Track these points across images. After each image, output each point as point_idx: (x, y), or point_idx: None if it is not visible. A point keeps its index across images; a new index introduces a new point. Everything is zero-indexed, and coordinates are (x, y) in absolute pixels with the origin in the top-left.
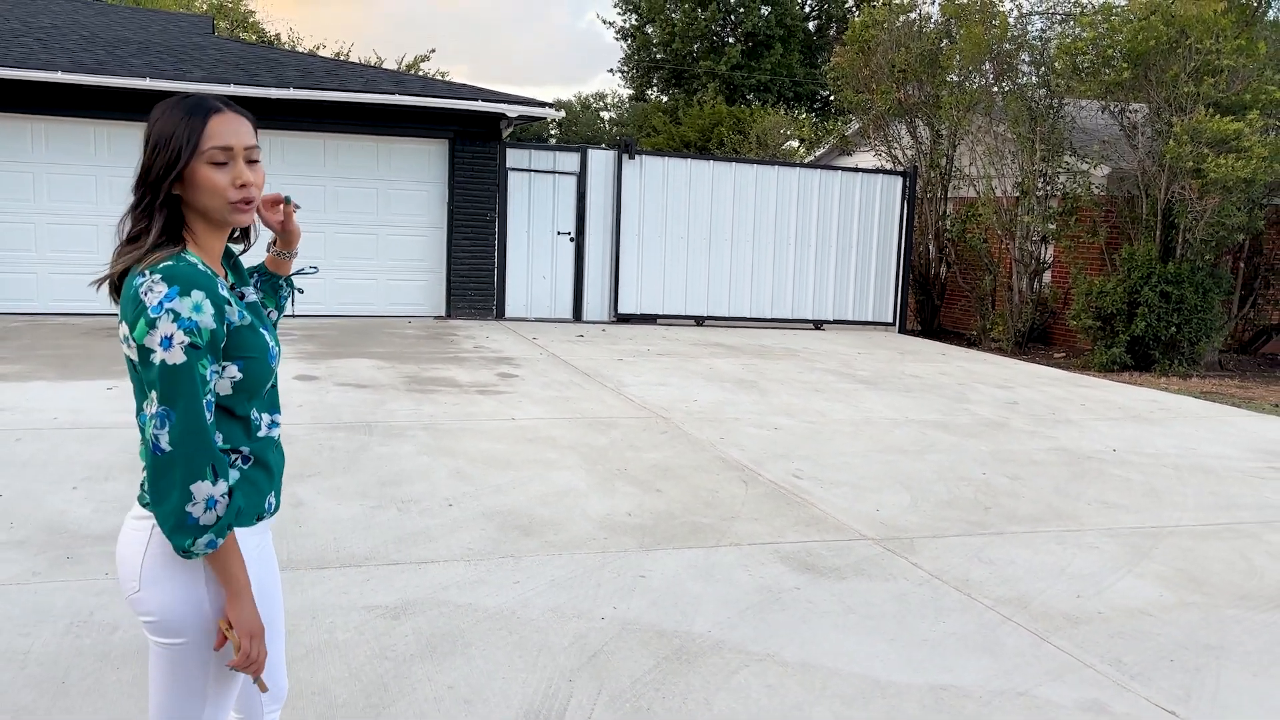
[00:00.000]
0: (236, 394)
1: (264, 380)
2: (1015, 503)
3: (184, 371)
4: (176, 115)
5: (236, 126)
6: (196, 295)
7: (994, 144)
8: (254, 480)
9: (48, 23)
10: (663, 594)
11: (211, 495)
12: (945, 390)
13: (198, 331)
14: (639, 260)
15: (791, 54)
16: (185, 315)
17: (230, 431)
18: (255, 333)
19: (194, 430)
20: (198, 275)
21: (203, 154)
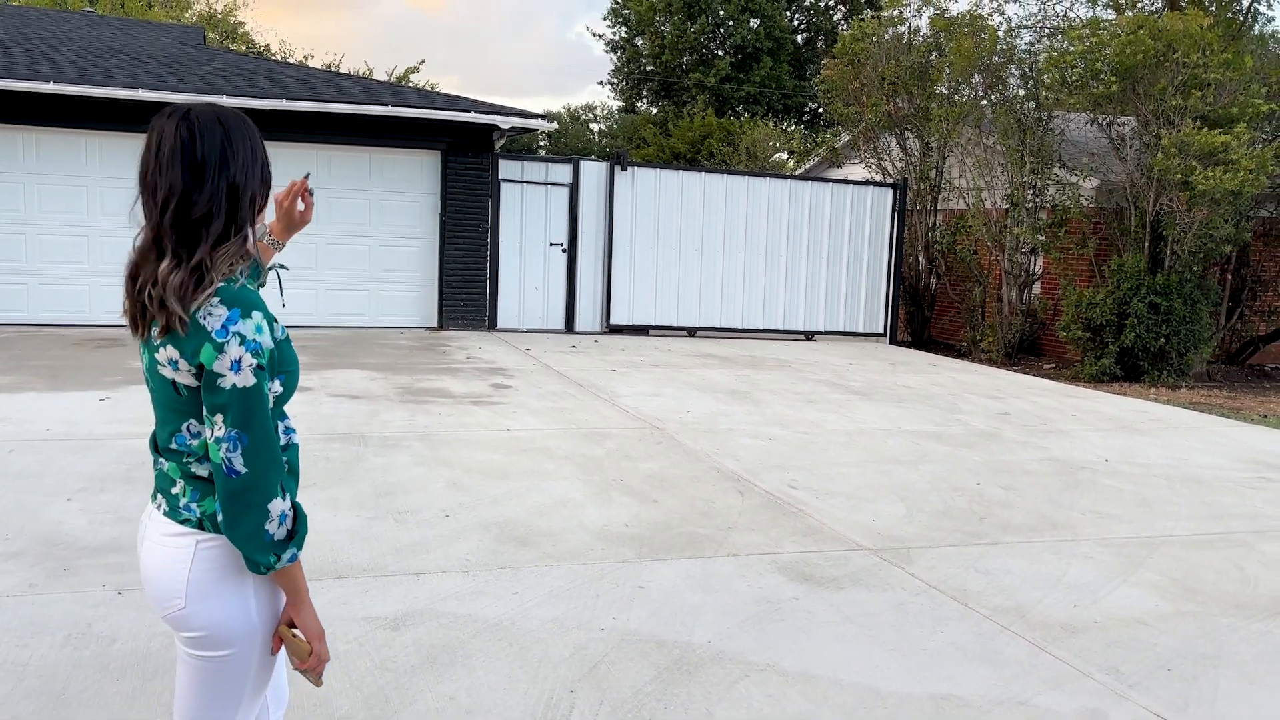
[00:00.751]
0: (276, 406)
1: (294, 389)
2: (1010, 513)
3: (255, 393)
4: (252, 132)
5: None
6: (256, 317)
7: (983, 156)
8: (288, 489)
9: (39, 34)
10: (662, 604)
11: (284, 511)
12: (937, 401)
13: (262, 353)
14: (631, 271)
15: (780, 66)
16: (250, 337)
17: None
18: (289, 345)
19: (267, 450)
20: (254, 297)
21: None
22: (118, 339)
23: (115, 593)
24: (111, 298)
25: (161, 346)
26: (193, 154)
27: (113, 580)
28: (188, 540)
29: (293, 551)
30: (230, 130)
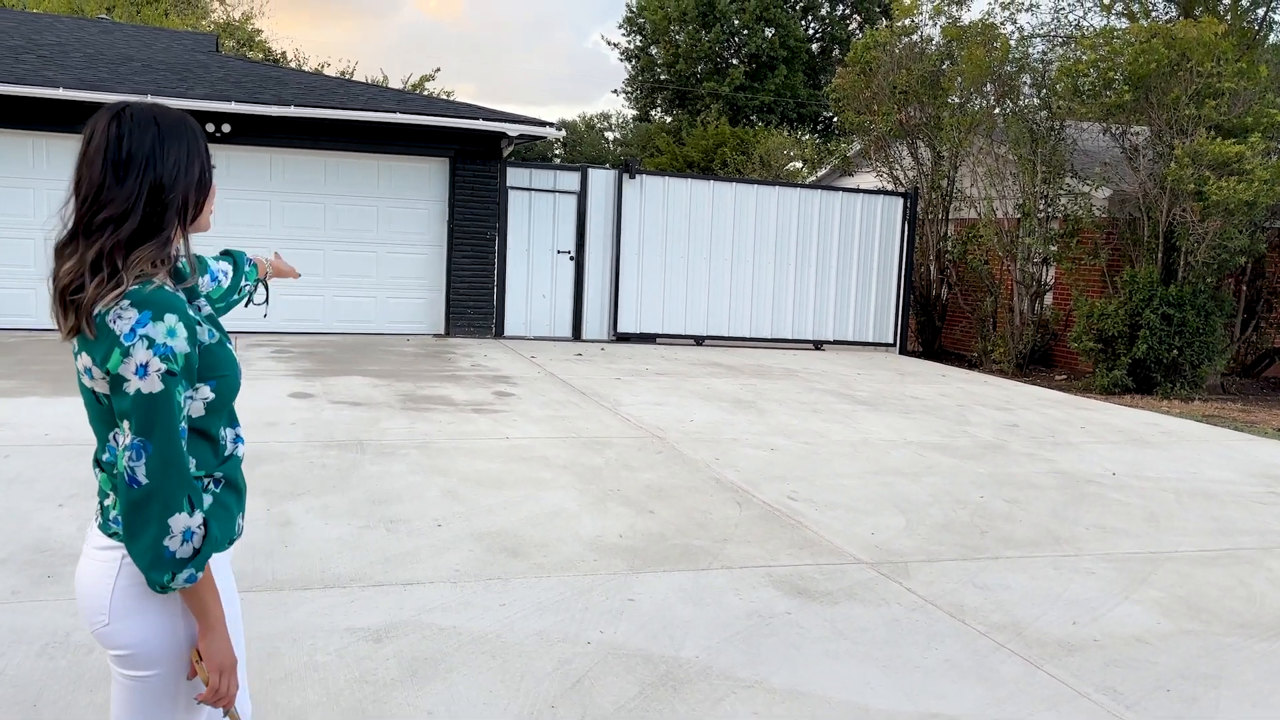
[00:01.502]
0: (209, 414)
1: (234, 396)
2: (1012, 526)
3: (162, 401)
4: (193, 132)
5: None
6: (170, 319)
7: (995, 166)
8: (225, 504)
9: (52, 40)
10: (651, 618)
11: (189, 527)
12: (945, 412)
13: (174, 358)
14: (639, 279)
15: (795, 75)
16: (160, 341)
17: (201, 454)
18: (224, 348)
19: (171, 461)
20: (170, 299)
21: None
22: None
23: None
24: None
25: (79, 354)
26: (118, 151)
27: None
28: (114, 554)
29: (190, 572)
30: (164, 130)
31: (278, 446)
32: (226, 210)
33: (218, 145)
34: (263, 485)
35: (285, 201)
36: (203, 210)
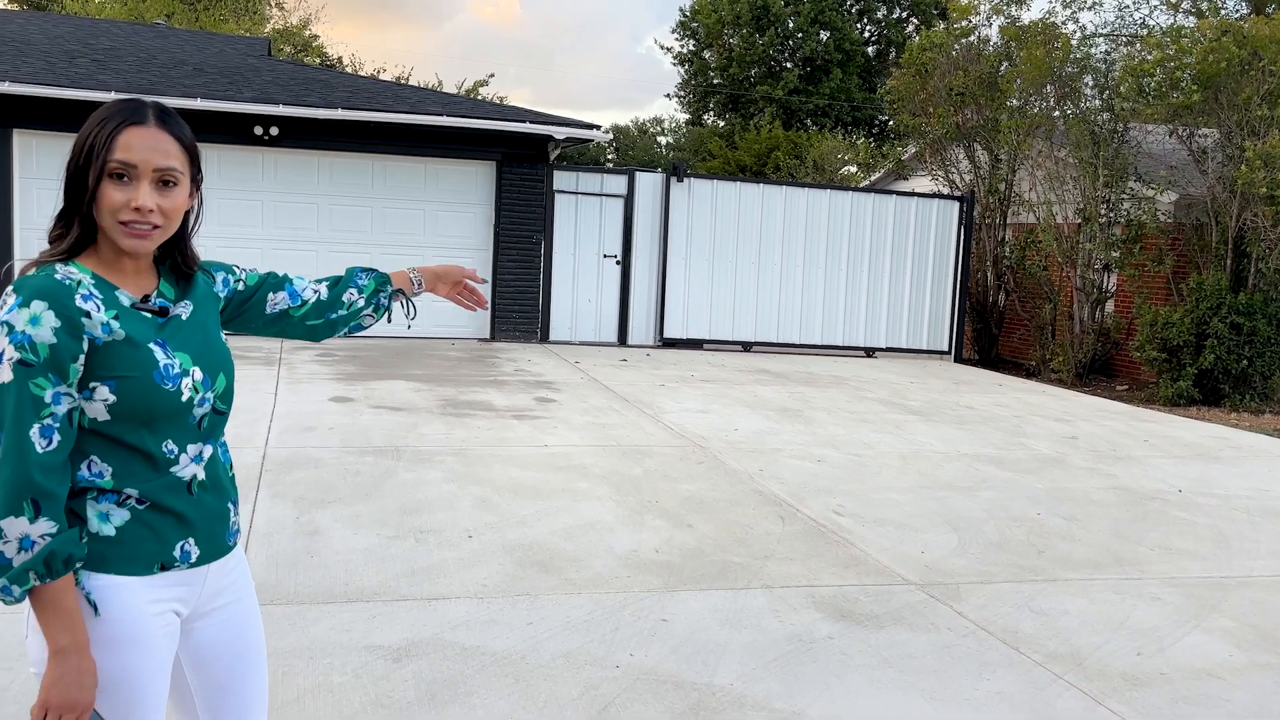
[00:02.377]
0: (118, 421)
1: (154, 404)
2: (1071, 546)
3: (8, 391)
4: (97, 119)
5: (153, 142)
6: (37, 306)
7: (1055, 169)
8: (151, 523)
9: (108, 45)
10: (684, 640)
11: (27, 535)
12: (1001, 423)
13: (30, 347)
14: (686, 284)
15: (850, 78)
16: (19, 329)
17: (124, 465)
18: (134, 348)
19: (14, 458)
20: (48, 285)
21: (105, 166)
22: None
23: None
24: None
25: None
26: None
27: None
28: None
29: (3, 582)
30: (89, 118)
31: (314, 452)
32: (275, 213)
33: (265, 148)
34: (294, 492)
35: (333, 204)
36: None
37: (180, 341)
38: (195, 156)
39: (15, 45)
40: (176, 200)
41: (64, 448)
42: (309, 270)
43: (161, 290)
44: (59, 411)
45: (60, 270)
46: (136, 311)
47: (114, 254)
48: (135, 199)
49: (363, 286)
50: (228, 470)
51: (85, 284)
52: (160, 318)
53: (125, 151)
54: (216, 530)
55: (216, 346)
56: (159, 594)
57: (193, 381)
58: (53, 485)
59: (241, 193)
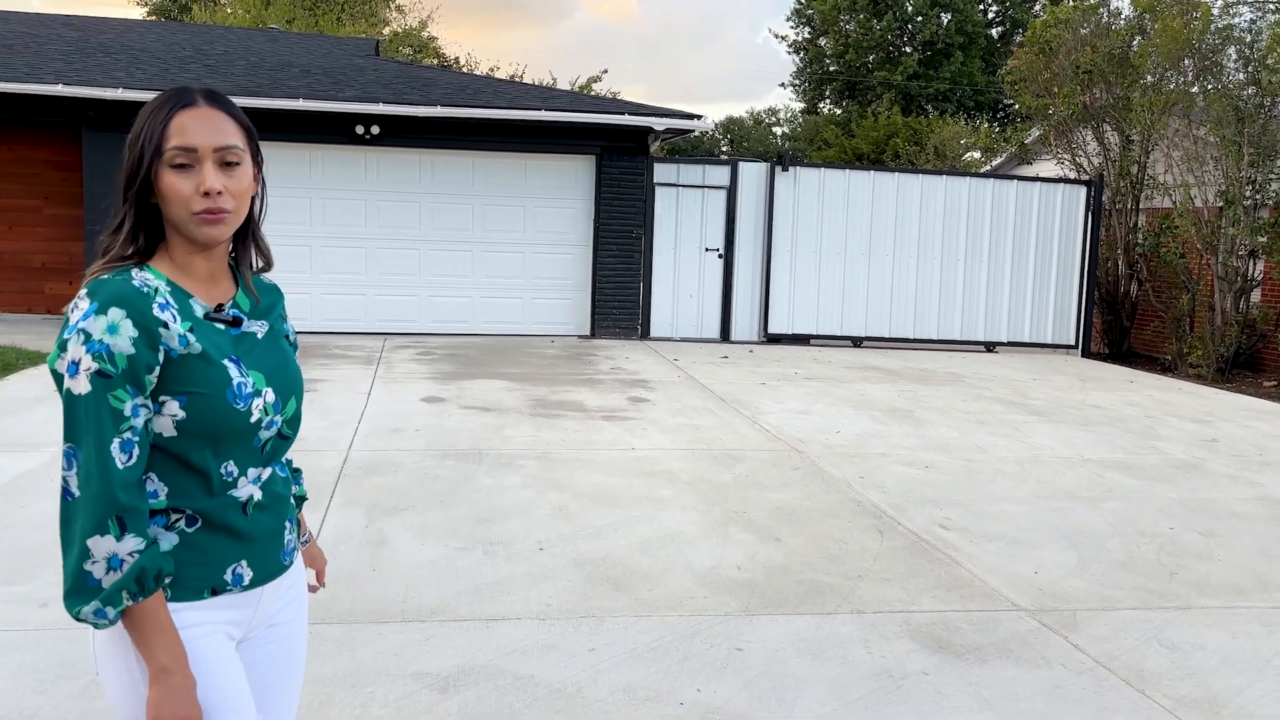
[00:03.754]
0: (185, 438)
1: (222, 424)
2: (1209, 567)
3: (85, 405)
4: (148, 110)
5: (209, 122)
6: (114, 314)
7: (1193, 149)
8: (201, 546)
9: (220, 50)
10: (760, 674)
11: (115, 554)
12: (1131, 424)
13: (108, 357)
14: (791, 277)
15: (972, 62)
16: (96, 337)
17: (180, 484)
18: (209, 364)
19: (98, 474)
20: (125, 291)
21: (163, 156)
22: None
23: None
24: None
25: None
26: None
27: None
28: None
29: (97, 605)
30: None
31: (396, 455)
32: (377, 212)
33: (367, 147)
34: (369, 499)
35: (435, 203)
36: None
37: (255, 360)
38: (253, 135)
39: (132, 53)
40: (242, 181)
41: (143, 461)
42: (411, 270)
43: (237, 300)
44: (138, 424)
45: (137, 275)
46: (210, 323)
47: (186, 257)
48: (202, 182)
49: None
50: (288, 486)
51: (162, 291)
52: (234, 329)
53: (182, 136)
54: (271, 550)
55: (291, 369)
56: (209, 618)
57: (264, 403)
58: (136, 501)
59: (345, 192)
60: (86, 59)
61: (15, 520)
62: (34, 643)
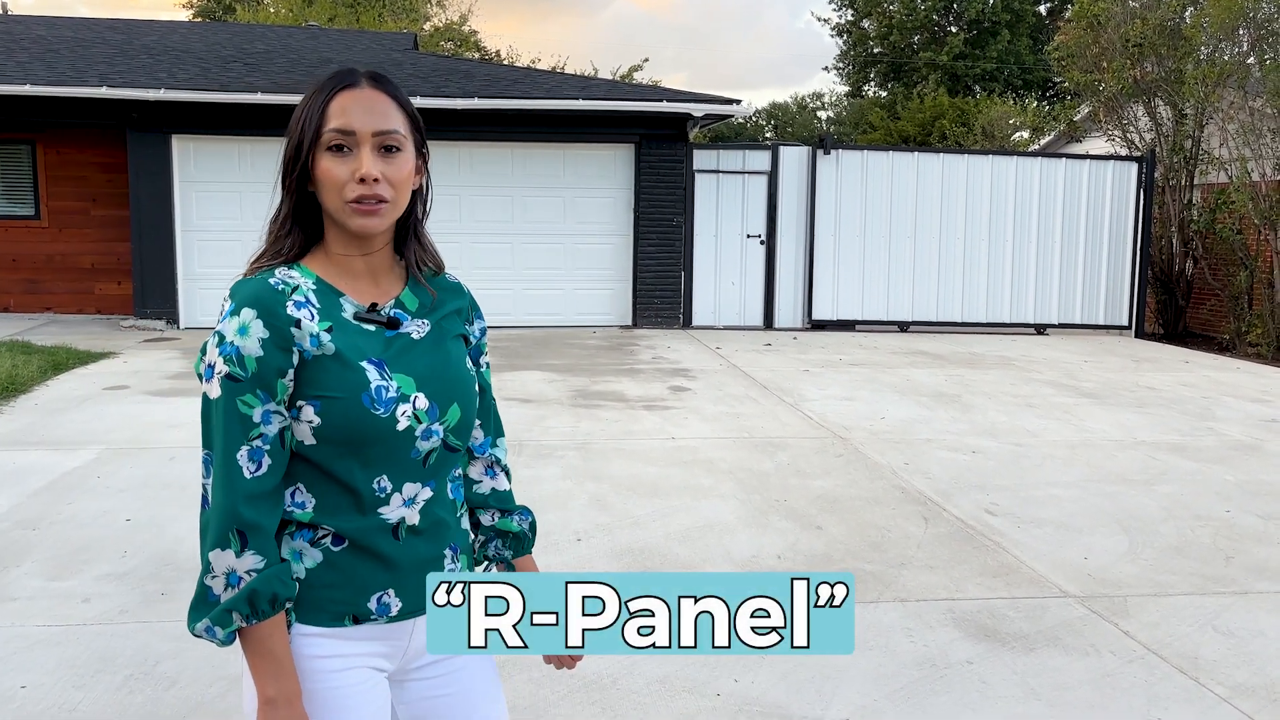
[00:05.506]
0: (324, 446)
1: (360, 430)
2: (1268, 551)
3: (215, 410)
4: (308, 93)
5: (369, 104)
6: (246, 315)
7: (1250, 121)
8: (345, 568)
9: (261, 48)
10: (799, 664)
11: (234, 570)
12: (1186, 405)
13: (238, 360)
14: (835, 262)
15: (1020, 40)
16: (229, 339)
17: (328, 499)
18: (344, 366)
19: (224, 484)
20: (259, 291)
21: (321, 138)
22: None
23: None
24: None
25: None
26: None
27: None
28: None
29: (207, 623)
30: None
31: None
32: None
33: None
34: None
35: (475, 195)
36: (319, 191)
37: (406, 363)
38: (418, 123)
39: (175, 54)
40: (402, 169)
41: (275, 472)
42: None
43: (402, 300)
44: (269, 432)
45: (279, 273)
46: (357, 323)
47: (344, 251)
48: (359, 168)
49: (515, 526)
50: (455, 510)
51: (304, 289)
52: (390, 330)
53: (340, 117)
54: (420, 582)
55: (454, 374)
56: (349, 649)
57: (412, 410)
58: (259, 516)
59: None
60: (130, 61)
61: (61, 517)
62: (75, 638)
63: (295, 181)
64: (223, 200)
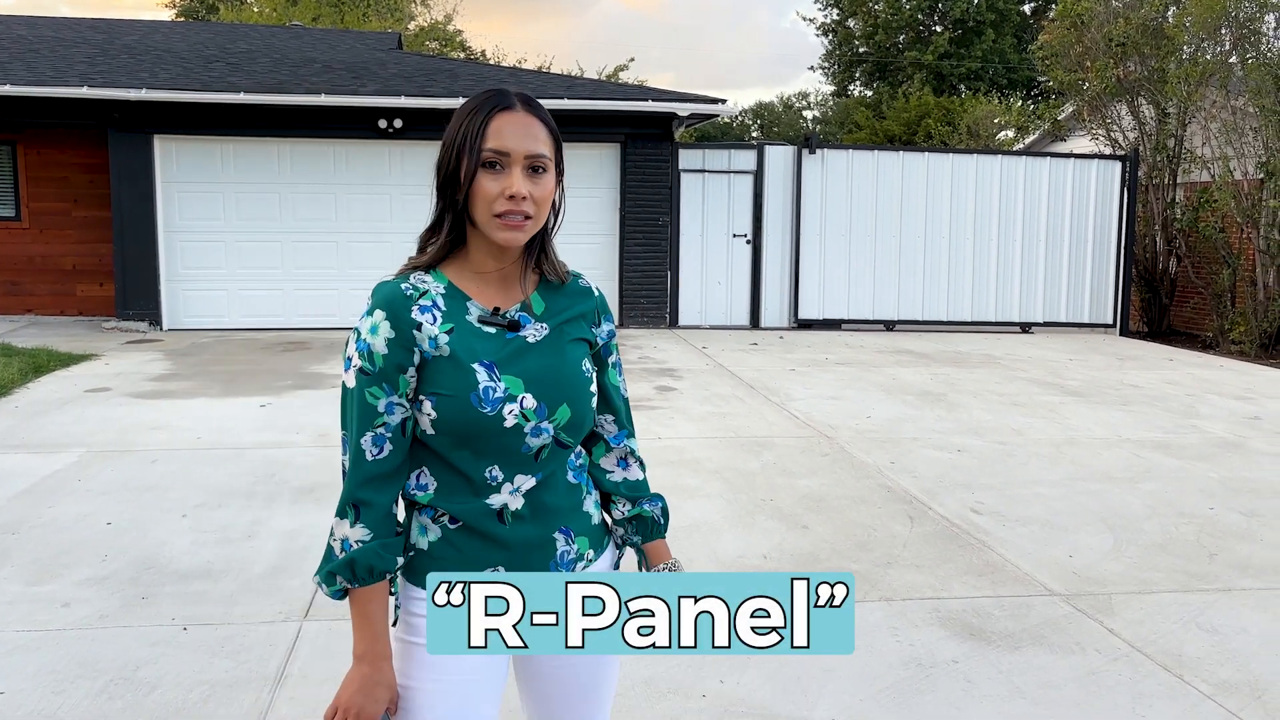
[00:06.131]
0: (440, 437)
1: (470, 426)
2: (1251, 548)
3: (350, 398)
4: (464, 113)
5: (524, 128)
6: (378, 315)
7: (1232, 120)
8: (459, 546)
9: (244, 48)
10: (785, 664)
11: (347, 538)
12: (1170, 403)
13: (368, 355)
14: (821, 262)
15: (1004, 39)
16: (363, 336)
17: (446, 482)
18: (456, 367)
19: (351, 464)
20: (391, 294)
21: (479, 155)
22: (306, 342)
23: (181, 628)
24: (305, 301)
25: None
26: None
27: (185, 613)
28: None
29: (318, 579)
30: (455, 115)
31: None
32: (403, 206)
33: (392, 141)
34: None
35: None
36: (470, 204)
37: (517, 365)
38: (559, 143)
39: (157, 54)
40: (546, 188)
41: (395, 456)
42: None
43: (529, 304)
44: (391, 422)
45: (413, 278)
46: (477, 326)
47: (480, 258)
48: (509, 186)
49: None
50: (575, 496)
51: (432, 294)
52: (510, 332)
53: (498, 138)
54: (535, 561)
55: (566, 376)
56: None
57: (520, 409)
58: (373, 495)
59: (370, 187)
60: (111, 60)
61: (41, 520)
62: (55, 643)
63: (448, 193)
64: (206, 201)
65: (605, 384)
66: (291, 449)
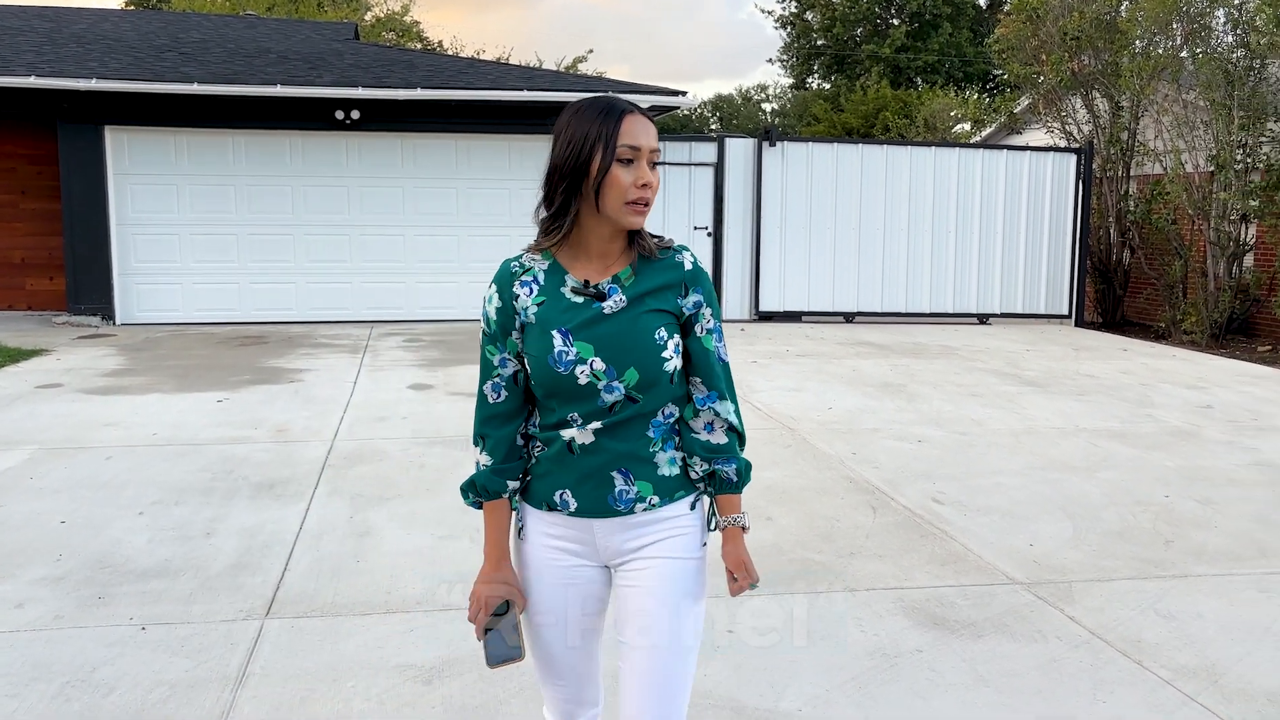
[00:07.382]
0: (537, 386)
1: (549, 382)
2: (1206, 535)
3: (482, 351)
4: (591, 116)
5: (647, 129)
6: (491, 289)
7: (1183, 114)
8: (546, 468)
9: (196, 38)
10: (751, 655)
11: (478, 461)
12: (1125, 392)
13: (487, 320)
14: (781, 254)
15: (961, 32)
16: (485, 305)
17: (544, 421)
18: (541, 333)
19: (479, 404)
20: (502, 270)
21: (616, 152)
22: (263, 336)
23: (139, 628)
24: (262, 295)
25: None
26: (555, 137)
27: (142, 612)
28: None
29: (460, 489)
30: (572, 115)
31: (381, 444)
32: (360, 198)
33: (348, 133)
34: (353, 489)
35: (419, 187)
36: (601, 193)
37: (590, 332)
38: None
39: (107, 43)
40: (658, 178)
41: (510, 401)
42: (396, 256)
43: (619, 276)
44: (504, 373)
45: (524, 257)
46: (570, 297)
47: (586, 239)
48: (641, 176)
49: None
50: (648, 446)
51: (535, 270)
52: (598, 302)
53: (632, 137)
54: (593, 490)
55: (635, 342)
56: (549, 529)
57: (591, 370)
58: (490, 430)
59: (326, 179)
60: (59, 50)
61: None
62: (8, 645)
63: (569, 186)
64: (160, 193)
65: (694, 349)
66: (249, 444)
